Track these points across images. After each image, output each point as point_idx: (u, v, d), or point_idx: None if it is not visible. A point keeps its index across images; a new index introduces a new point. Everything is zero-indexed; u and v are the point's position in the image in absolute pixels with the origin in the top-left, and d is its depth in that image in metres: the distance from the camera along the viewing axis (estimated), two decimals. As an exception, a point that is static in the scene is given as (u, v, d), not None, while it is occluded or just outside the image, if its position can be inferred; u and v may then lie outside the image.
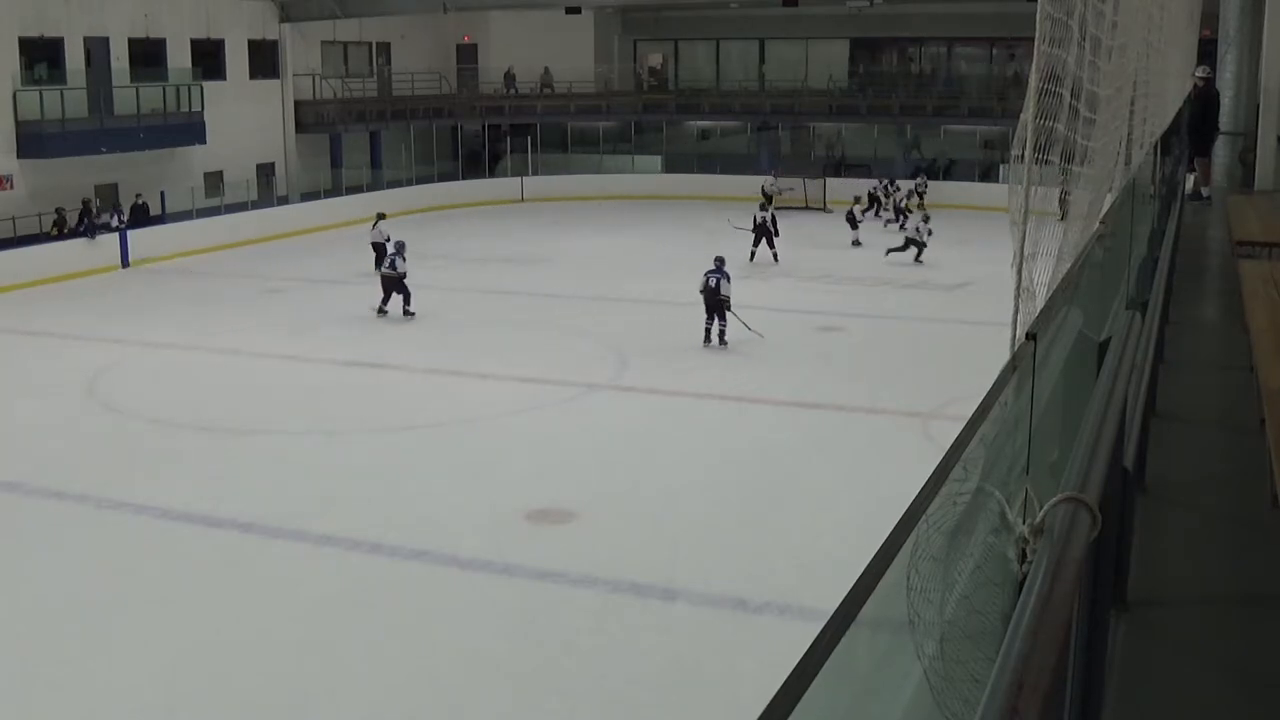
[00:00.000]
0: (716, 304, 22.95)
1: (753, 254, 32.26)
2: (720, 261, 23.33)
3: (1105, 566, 2.89)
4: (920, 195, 41.22)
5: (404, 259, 25.95)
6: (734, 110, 49.86)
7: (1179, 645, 3.84)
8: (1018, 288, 3.08)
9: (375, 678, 10.65)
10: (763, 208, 33.07)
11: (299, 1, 41.98)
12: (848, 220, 36.31)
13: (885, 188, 41.54)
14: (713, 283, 22.78)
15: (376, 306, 25.98)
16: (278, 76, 42.45)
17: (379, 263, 30.00)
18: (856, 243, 35.38)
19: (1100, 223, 4.87)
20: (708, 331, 22.95)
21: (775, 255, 32.40)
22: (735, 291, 22.63)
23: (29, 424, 18.40)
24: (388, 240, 30.69)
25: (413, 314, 25.77)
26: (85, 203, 33.41)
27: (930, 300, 27.56)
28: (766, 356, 22.05)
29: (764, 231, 32.48)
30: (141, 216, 34.53)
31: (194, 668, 10.88)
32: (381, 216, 32.36)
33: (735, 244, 34.61)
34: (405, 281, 25.82)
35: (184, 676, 10.76)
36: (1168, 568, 4.40)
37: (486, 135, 49.28)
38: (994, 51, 48.70)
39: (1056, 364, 3.35)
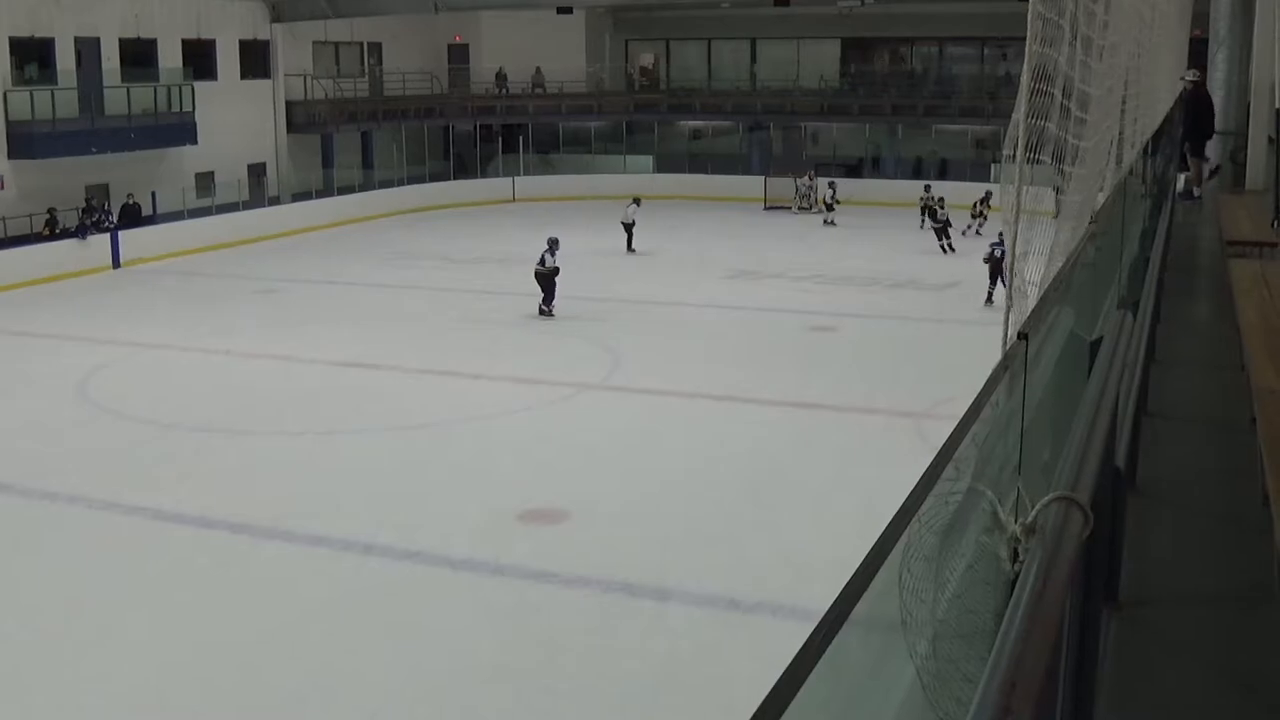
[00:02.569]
0: (1000, 271, 25.48)
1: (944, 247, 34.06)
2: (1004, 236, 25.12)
3: (1097, 565, 2.89)
4: (980, 216, 36.90)
5: (553, 255, 26.07)
6: (726, 110, 49.88)
7: (1170, 643, 3.85)
8: (1010, 287, 3.08)
9: (368, 679, 10.64)
10: (941, 205, 34.85)
11: (290, 2, 41.92)
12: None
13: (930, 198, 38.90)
14: (998, 253, 24.92)
15: (539, 306, 26.07)
16: (269, 77, 42.37)
17: (630, 244, 33.67)
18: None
19: (1092, 222, 4.88)
20: (990, 294, 25.76)
21: (948, 246, 33.94)
22: (730, 291, 22.62)
23: (20, 424, 18.36)
24: (634, 224, 33.83)
25: (550, 314, 25.92)
26: (89, 201, 33.44)
27: (922, 300, 27.58)
28: (759, 356, 22.05)
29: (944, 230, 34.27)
30: (132, 217, 34.49)
31: (187, 669, 10.87)
32: (636, 201, 35.19)
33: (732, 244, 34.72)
34: (556, 279, 26.00)
35: (177, 678, 10.74)
36: (1159, 566, 4.41)
37: (478, 135, 49.23)
38: (985, 51, 48.70)
39: (1048, 363, 3.36)
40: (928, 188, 39.22)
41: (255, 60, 41.85)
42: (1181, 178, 15.72)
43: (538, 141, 48.90)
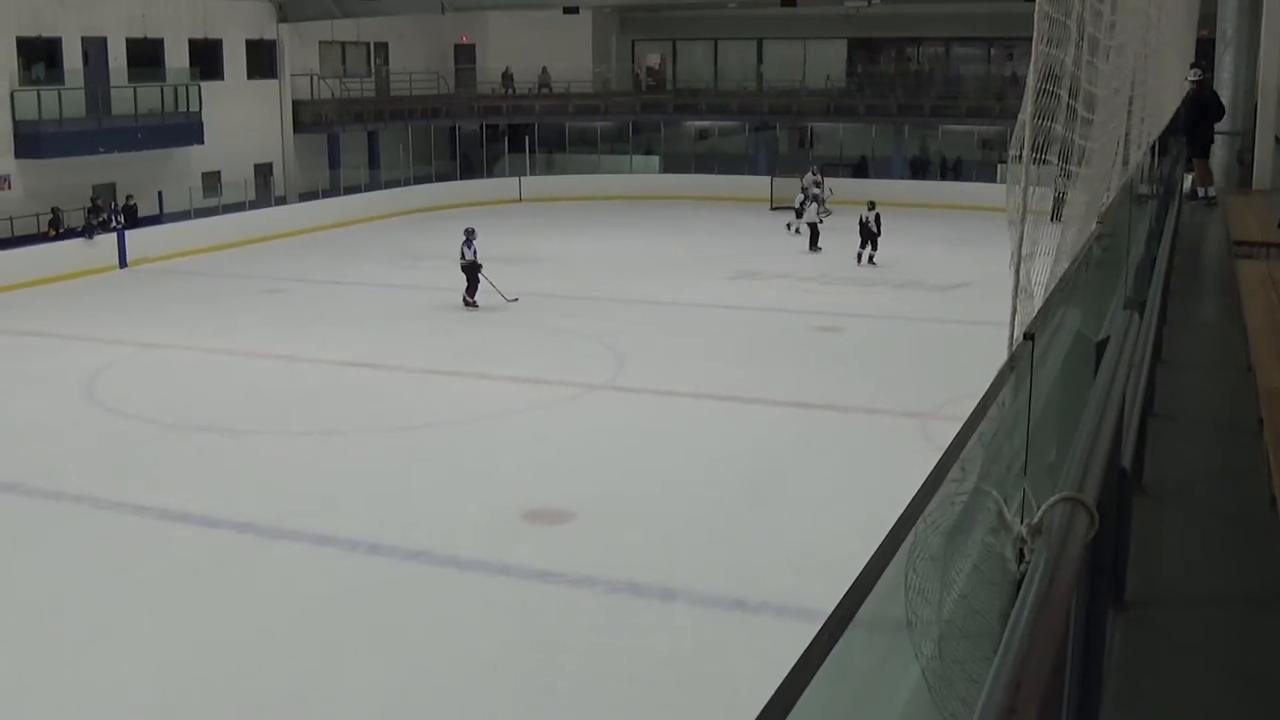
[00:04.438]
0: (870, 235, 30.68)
1: (859, 255, 32.28)
2: None
3: (1103, 566, 2.89)
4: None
5: (469, 247, 26.74)
6: (732, 110, 49.85)
7: (1176, 645, 3.84)
8: (1016, 287, 3.07)
9: (373, 679, 10.64)
10: (870, 207, 32.57)
11: (297, 1, 41.96)
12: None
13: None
14: (863, 216, 29.06)
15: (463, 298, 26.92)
16: (275, 76, 42.41)
17: (814, 242, 34.39)
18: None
19: (1098, 222, 4.87)
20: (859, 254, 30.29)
21: (872, 257, 32.13)
22: (735, 291, 22.65)
23: (27, 424, 18.38)
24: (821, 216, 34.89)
25: (473, 304, 26.62)
26: (94, 201, 33.48)
27: (927, 300, 27.56)
28: (762, 357, 22.04)
29: (867, 232, 32.39)
30: (130, 216, 34.47)
31: (191, 668, 10.87)
32: (811, 193, 36.13)
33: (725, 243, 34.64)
34: (476, 271, 26.60)
35: (181, 677, 10.75)
36: (1165, 568, 4.40)
37: (484, 135, 49.27)
38: (992, 51, 48.70)
39: (1054, 364, 3.35)
40: (815, 171, 40.01)
41: (262, 60, 41.90)
42: (1188, 178, 15.71)
43: (544, 142, 48.90)
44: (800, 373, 20.89)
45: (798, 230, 36.70)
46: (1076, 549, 2.04)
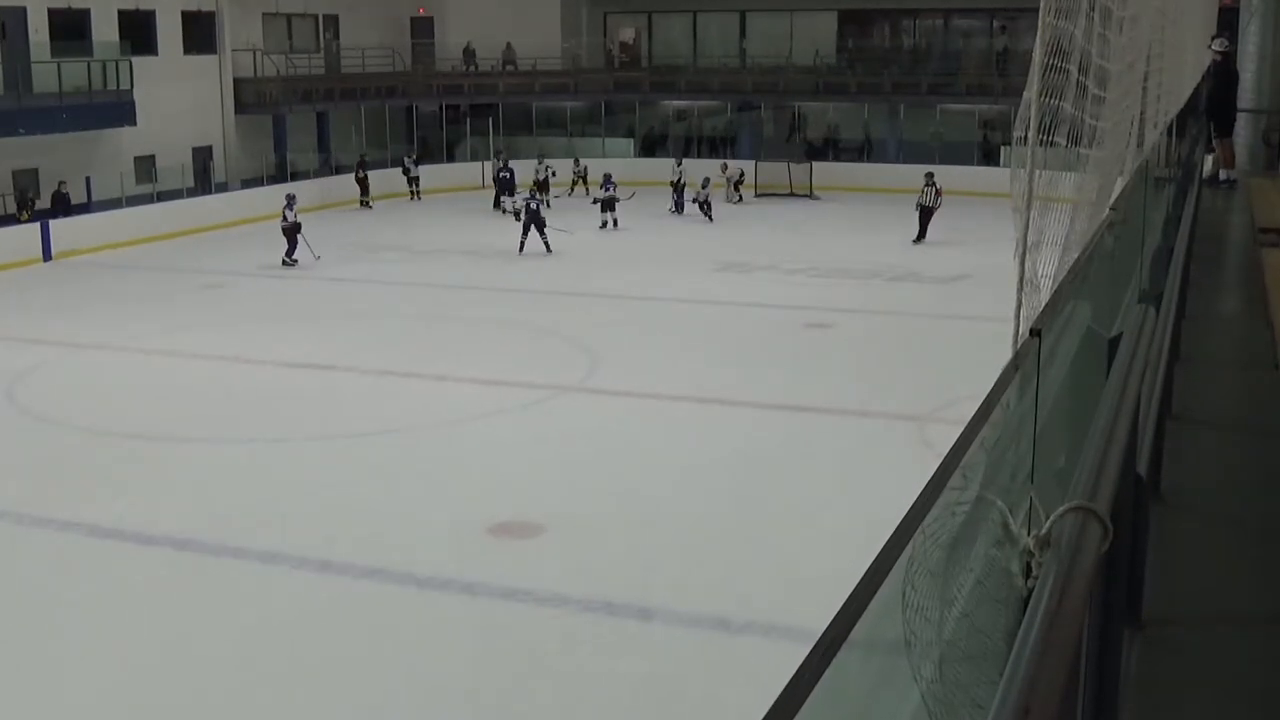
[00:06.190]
0: (535, 223, 32.80)
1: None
2: None
3: (1117, 581, 2.89)
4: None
5: (291, 210, 31.55)
6: (713, 89, 49.81)
7: (1198, 667, 3.85)
8: (1020, 280, 3.08)
9: (324, 708, 10.61)
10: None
11: (238, -30, 41.86)
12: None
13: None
14: (533, 205, 31.21)
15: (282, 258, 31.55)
16: (215, 52, 42.21)
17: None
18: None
19: (1111, 209, 4.89)
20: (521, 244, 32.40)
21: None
22: (718, 284, 22.69)
23: (-58, 433, 18.28)
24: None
25: (292, 263, 31.32)
26: (23, 192, 33.29)
27: (926, 294, 27.65)
28: (749, 355, 22.06)
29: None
30: (62, 206, 34.26)
31: (124, 699, 10.81)
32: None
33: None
34: (296, 232, 31.26)
35: (113, 708, 10.70)
36: (1186, 583, 4.41)
37: (444, 116, 49.14)
38: (994, 24, 48.80)
39: (1063, 362, 3.36)
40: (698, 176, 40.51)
41: (200, 33, 41.68)
42: (1209, 160, 15.74)
43: (509, 123, 48.82)
44: (789, 373, 20.91)
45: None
46: (1088, 563, 2.04)
